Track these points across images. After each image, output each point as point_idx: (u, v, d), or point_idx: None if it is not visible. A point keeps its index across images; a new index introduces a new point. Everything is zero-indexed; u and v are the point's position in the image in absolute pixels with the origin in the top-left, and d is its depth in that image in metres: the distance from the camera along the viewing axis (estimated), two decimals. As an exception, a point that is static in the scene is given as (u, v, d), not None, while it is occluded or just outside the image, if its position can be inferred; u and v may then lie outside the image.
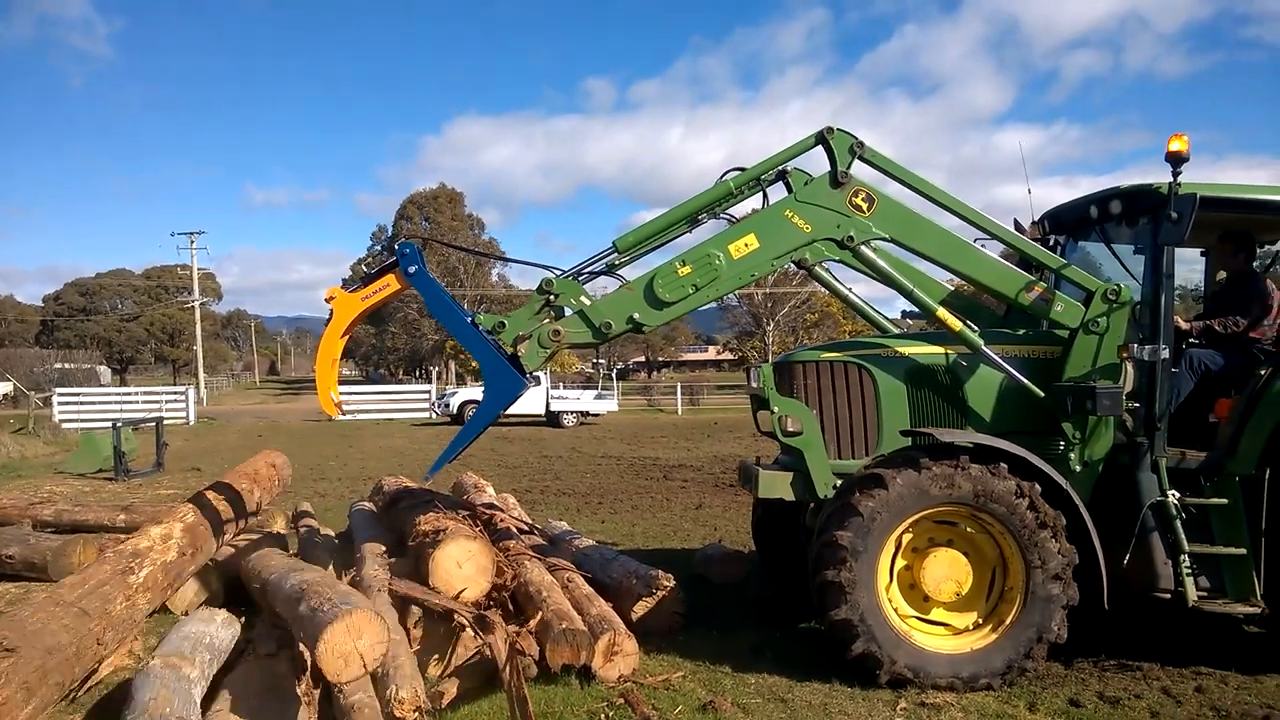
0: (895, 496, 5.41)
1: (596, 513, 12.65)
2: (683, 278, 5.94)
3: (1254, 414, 5.79)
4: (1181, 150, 5.54)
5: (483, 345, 5.92)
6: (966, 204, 6.12)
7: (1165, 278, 5.80)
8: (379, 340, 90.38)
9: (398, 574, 6.00)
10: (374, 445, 24.64)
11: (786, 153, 6.10)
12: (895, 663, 5.36)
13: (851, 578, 5.35)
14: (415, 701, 4.35)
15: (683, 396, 45.24)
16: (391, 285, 6.06)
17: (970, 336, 6.07)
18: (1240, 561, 5.65)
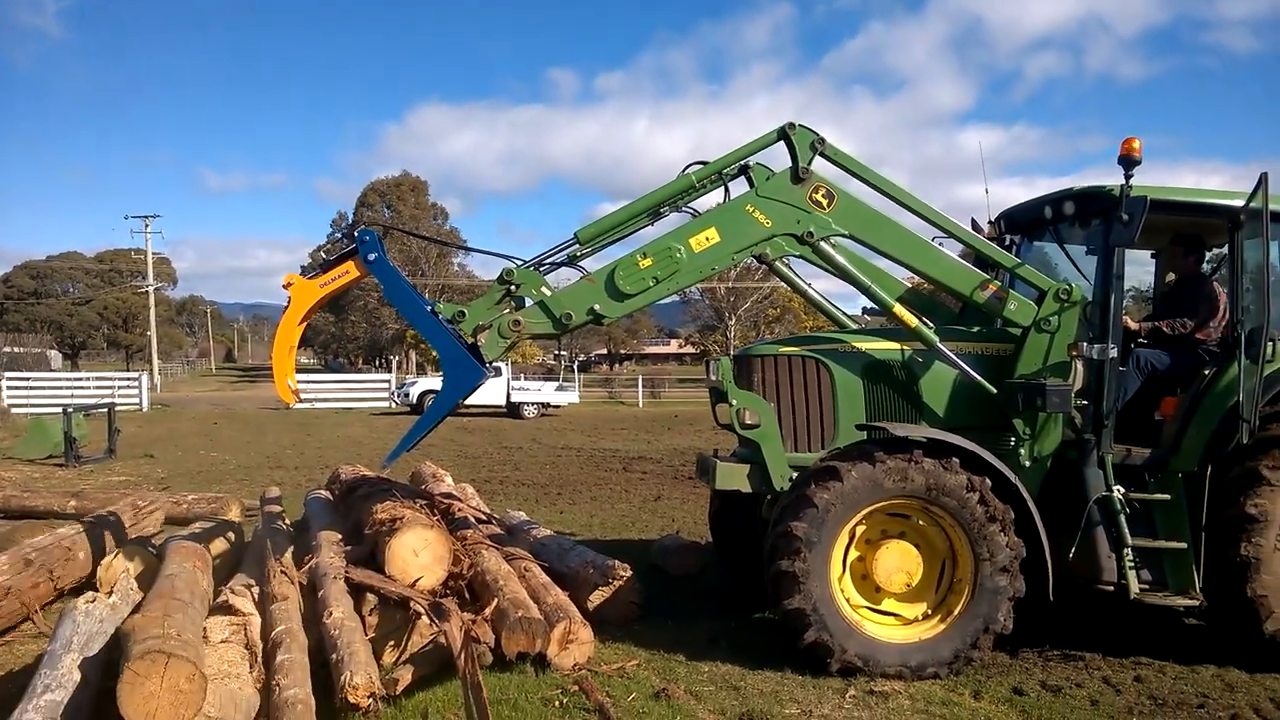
0: (850, 489, 5.50)
1: (555, 503, 12.67)
2: (644, 270, 5.96)
3: (1197, 412, 5.97)
4: (1134, 153, 5.68)
5: (442, 334, 5.88)
6: (925, 202, 6.21)
7: (1115, 278, 5.94)
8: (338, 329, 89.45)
9: (354, 562, 5.99)
10: (332, 434, 24.42)
11: (748, 147, 6.14)
12: (846, 651, 5.46)
13: (805, 568, 5.44)
14: (369, 688, 4.36)
15: (644, 389, 45.33)
16: (351, 272, 6.00)
17: (925, 333, 6.16)
18: (1181, 556, 5.83)
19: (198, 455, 18.87)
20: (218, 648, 4.56)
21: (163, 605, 4.64)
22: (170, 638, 4.02)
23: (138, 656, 3.78)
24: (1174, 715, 5.08)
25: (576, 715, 4.84)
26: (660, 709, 4.96)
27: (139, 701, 3.67)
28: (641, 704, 5.05)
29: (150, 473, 15.76)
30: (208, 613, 5.11)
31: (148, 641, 3.93)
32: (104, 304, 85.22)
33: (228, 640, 4.69)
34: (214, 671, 4.22)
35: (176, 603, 4.76)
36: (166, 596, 4.86)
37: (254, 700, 4.30)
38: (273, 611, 5.16)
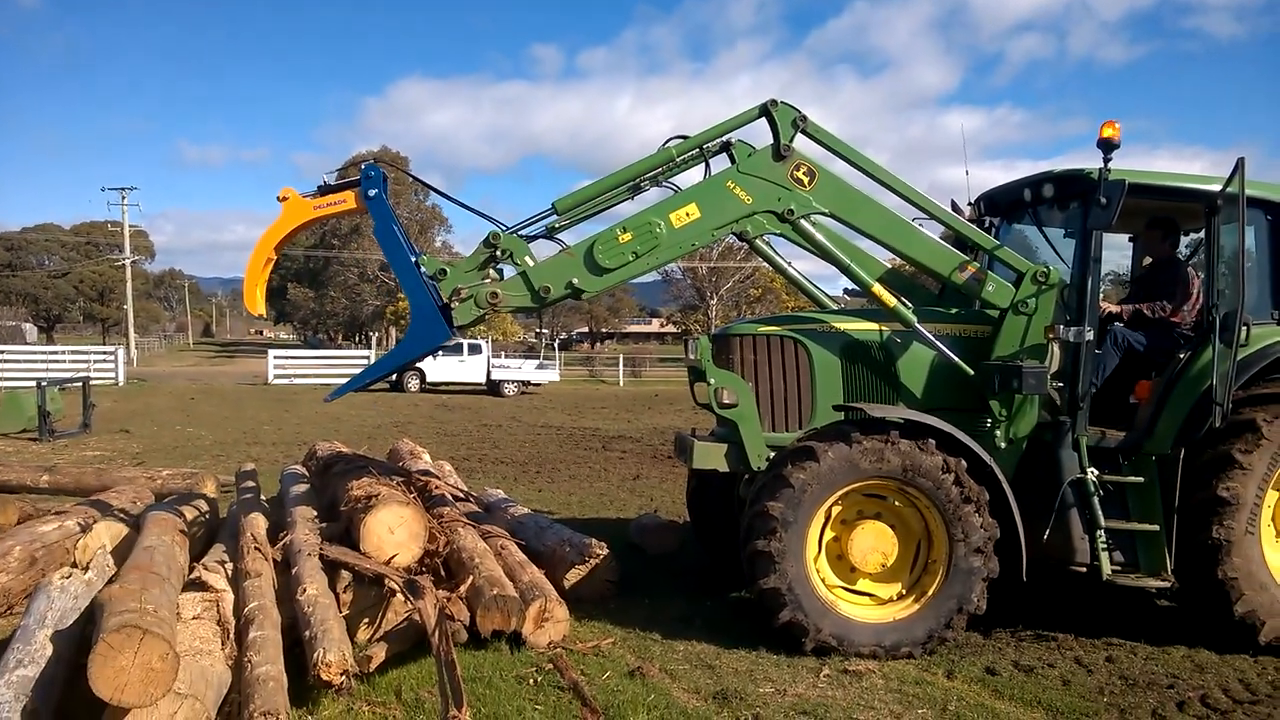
0: (826, 469, 5.50)
1: (534, 482, 12.66)
2: (623, 244, 5.91)
3: (1171, 396, 6.00)
4: (1113, 137, 5.69)
5: (419, 287, 5.81)
6: (906, 183, 6.18)
7: (1093, 261, 5.95)
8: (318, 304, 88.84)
9: (329, 539, 5.95)
10: (310, 410, 24.28)
11: (730, 123, 6.09)
12: (820, 631, 5.48)
13: (781, 548, 5.44)
14: (342, 665, 4.34)
15: (625, 368, 45.35)
16: (348, 203, 5.94)
17: (904, 313, 6.14)
18: (1153, 537, 5.88)
19: (174, 430, 18.73)
20: (190, 624, 4.52)
21: (140, 578, 4.59)
22: (146, 613, 3.97)
23: (112, 629, 3.73)
24: (1144, 695, 5.13)
25: (551, 693, 4.84)
26: (635, 687, 4.96)
27: (109, 675, 3.63)
28: (616, 682, 5.05)
29: (125, 448, 15.62)
30: (181, 589, 5.06)
31: (124, 615, 3.88)
32: (80, 277, 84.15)
33: (200, 616, 4.65)
34: (185, 648, 4.18)
35: (154, 576, 4.71)
36: (144, 569, 4.81)
37: (225, 677, 4.26)
38: (246, 588, 5.12)
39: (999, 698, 5.06)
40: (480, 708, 4.58)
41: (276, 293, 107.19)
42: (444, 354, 35.17)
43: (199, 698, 3.89)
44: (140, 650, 3.68)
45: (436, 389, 34.29)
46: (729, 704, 4.80)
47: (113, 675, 3.64)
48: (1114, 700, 5.04)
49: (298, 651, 4.64)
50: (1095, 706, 4.94)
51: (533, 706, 4.67)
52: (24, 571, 6.03)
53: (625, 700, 4.75)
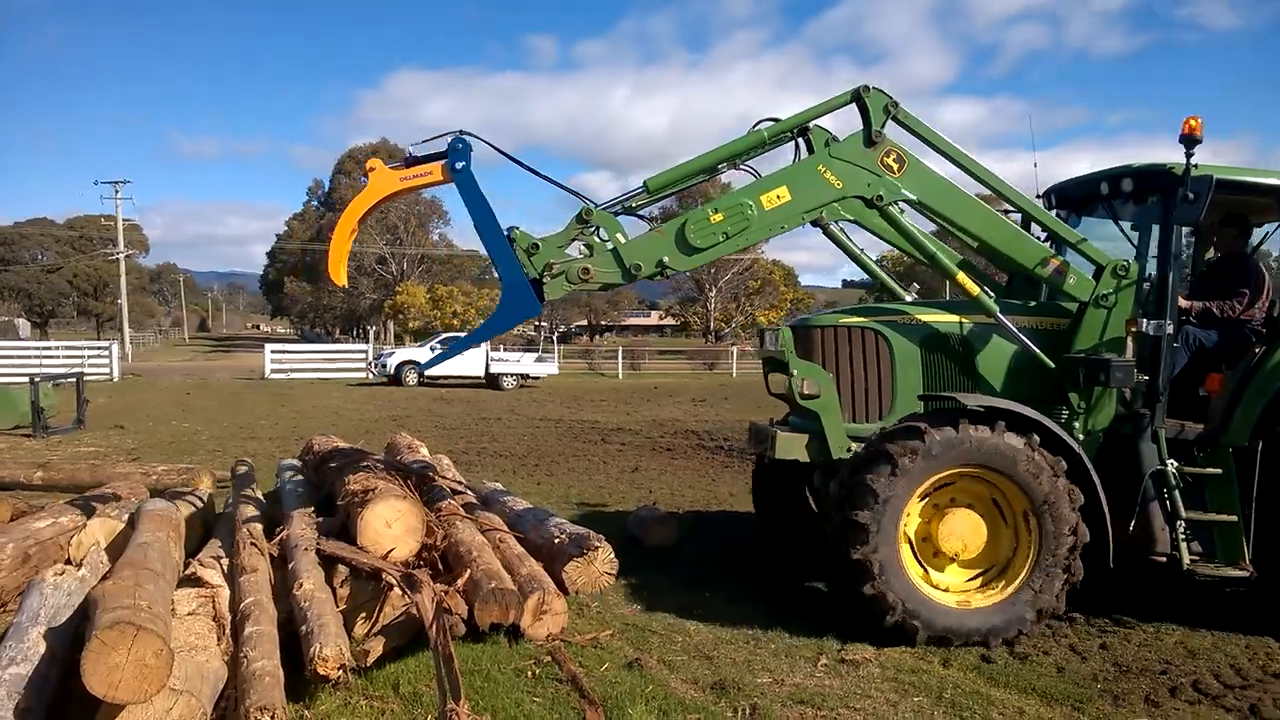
0: (931, 451, 5.50)
1: (533, 475, 12.66)
2: (714, 225, 5.92)
3: (1248, 389, 6.04)
4: (1195, 132, 5.73)
5: (510, 259, 5.77)
6: (992, 172, 6.20)
7: (1174, 256, 6.02)
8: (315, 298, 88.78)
9: (326, 533, 5.96)
10: (308, 405, 24.26)
11: (821, 107, 6.12)
12: (902, 608, 5.47)
13: (877, 521, 5.44)
14: (339, 659, 4.35)
15: (624, 361, 45.32)
16: (434, 175, 5.85)
17: (987, 303, 6.21)
18: (1231, 528, 5.90)
19: (169, 426, 18.70)
20: (185, 620, 4.53)
21: (134, 574, 4.58)
22: (141, 609, 3.97)
23: (106, 626, 3.73)
24: (1137, 681, 5.15)
25: (549, 686, 4.85)
26: (633, 679, 4.97)
27: (103, 672, 3.63)
28: (614, 674, 5.07)
29: (120, 444, 15.60)
30: (177, 584, 5.07)
31: (117, 611, 3.88)
32: (74, 271, 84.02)
33: (195, 612, 4.65)
34: (181, 644, 4.19)
35: (148, 572, 4.70)
36: (138, 565, 4.80)
37: (221, 673, 4.27)
38: (242, 583, 5.12)
39: (994, 685, 5.08)
40: (478, 700, 4.59)
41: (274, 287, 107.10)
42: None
43: (194, 694, 3.90)
44: (134, 646, 3.68)
45: (435, 382, 34.28)
46: (727, 694, 4.81)
47: (106, 672, 3.64)
48: (1107, 687, 5.07)
49: (294, 646, 4.64)
50: (1089, 693, 4.97)
51: (531, 699, 4.68)
52: (17, 568, 6.02)
53: (624, 692, 4.76)
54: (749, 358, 53.00)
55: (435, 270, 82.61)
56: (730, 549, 8.20)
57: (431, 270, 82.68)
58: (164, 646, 3.75)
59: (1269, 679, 5.19)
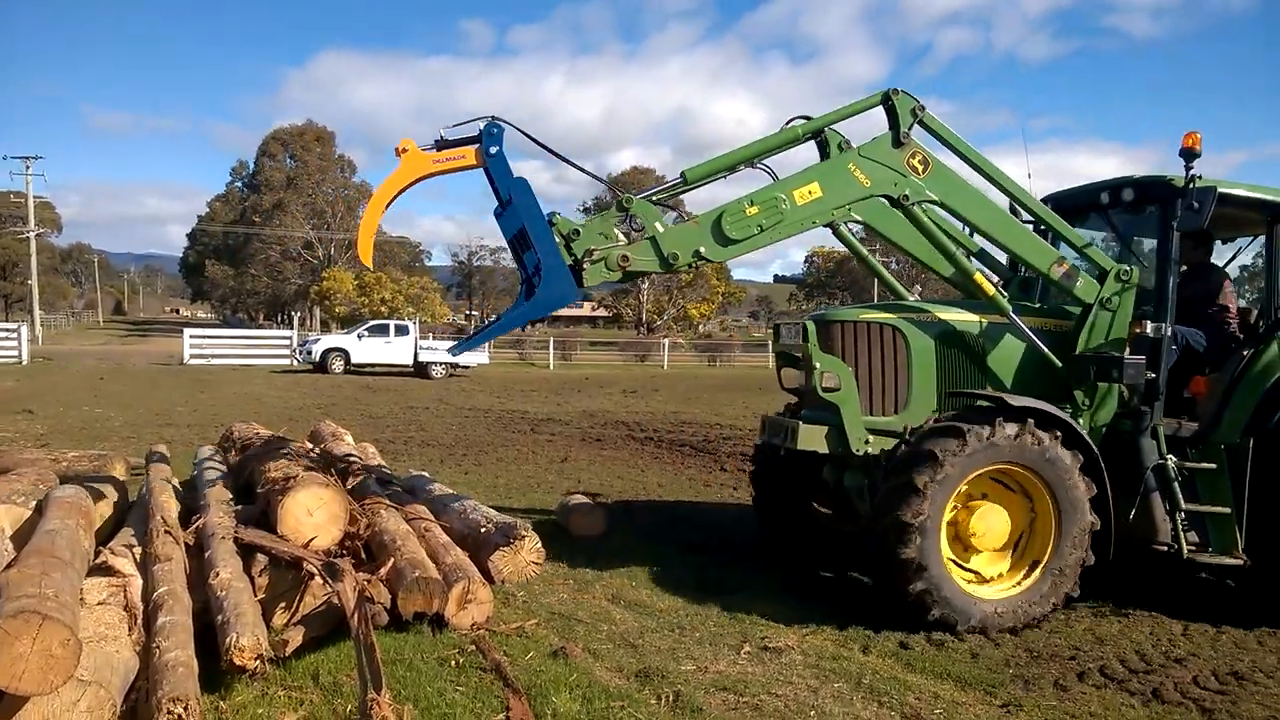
0: (971, 450, 5.71)
1: (460, 464, 12.55)
2: (750, 217, 5.99)
3: (1237, 390, 6.38)
4: (1194, 146, 6.10)
5: (551, 243, 5.70)
6: (1009, 177, 6.50)
7: (1173, 262, 6.33)
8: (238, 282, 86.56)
9: (244, 521, 5.82)
10: (229, 392, 23.67)
11: (852, 108, 6.32)
12: (945, 603, 5.68)
13: (923, 520, 5.60)
14: (256, 650, 4.25)
15: (555, 351, 45.19)
16: (468, 159, 5.79)
17: (1002, 303, 6.43)
18: (1224, 519, 6.22)
19: (81, 412, 18.07)
20: (95, 609, 4.37)
21: (40, 562, 4.41)
22: (47, 598, 3.83)
23: (10, 615, 3.59)
24: (1047, 666, 5.33)
25: (473, 675, 4.82)
26: (557, 667, 4.97)
27: (6, 662, 3.48)
28: (539, 663, 5.06)
29: (28, 429, 15.02)
30: (86, 573, 4.90)
31: (21, 600, 3.74)
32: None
33: (105, 602, 4.50)
34: (90, 634, 4.05)
35: (56, 561, 4.53)
36: (45, 553, 4.62)
37: (132, 663, 4.14)
38: (155, 572, 4.97)
39: (911, 670, 5.21)
40: (400, 690, 4.53)
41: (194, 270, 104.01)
42: (369, 335, 34.65)
43: (103, 685, 3.78)
44: (39, 636, 3.54)
45: (361, 370, 33.74)
46: (651, 682, 4.84)
47: (9, 662, 3.50)
48: (1019, 672, 5.23)
49: (210, 637, 4.52)
50: (1001, 678, 5.12)
51: (454, 688, 4.64)
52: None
53: (548, 680, 4.76)
54: (681, 349, 53.29)
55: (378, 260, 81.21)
56: (658, 539, 8.24)
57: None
58: (71, 636, 3.63)
59: (1171, 664, 5.41)
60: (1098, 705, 4.80)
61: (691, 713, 4.48)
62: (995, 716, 4.64)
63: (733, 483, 11.57)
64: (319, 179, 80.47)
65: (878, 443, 6.35)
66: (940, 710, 4.66)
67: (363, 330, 35.54)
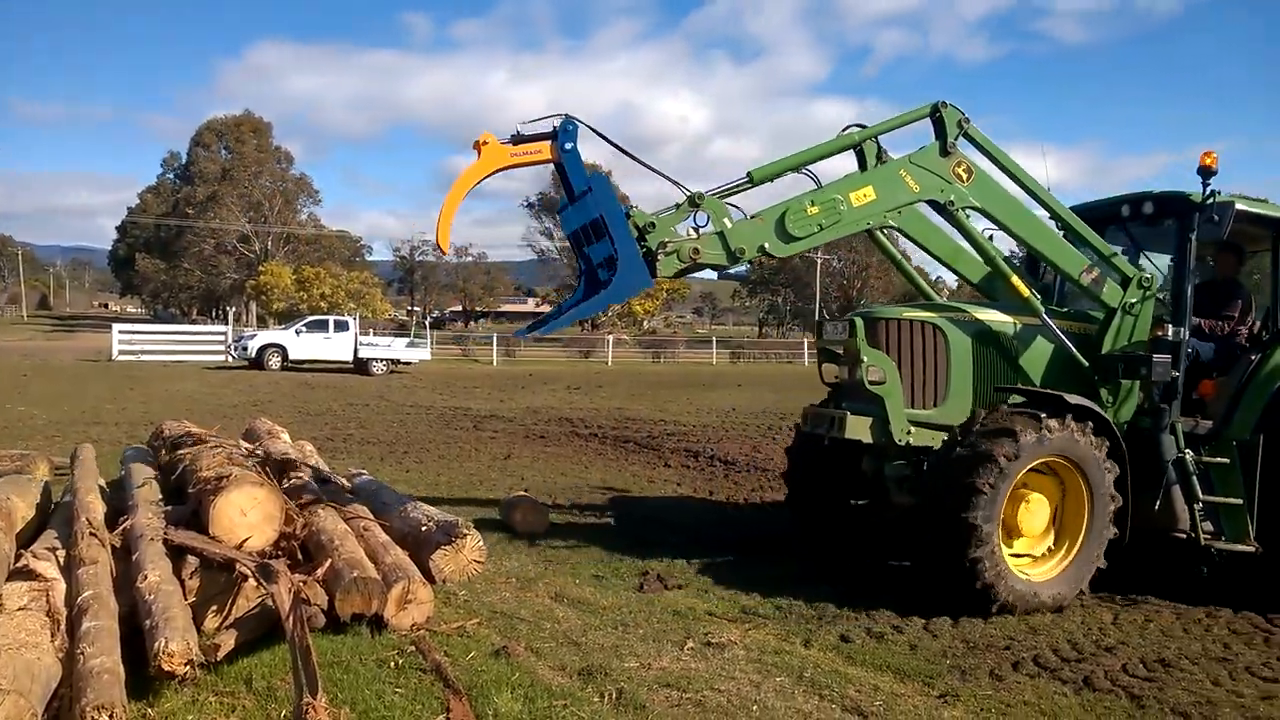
0: (1025, 448, 6.01)
1: (401, 462, 12.38)
2: (811, 217, 6.33)
3: (1247, 391, 6.78)
4: (1211, 165, 6.52)
5: (627, 233, 5.95)
6: (1044, 187, 6.91)
7: (1190, 272, 6.79)
8: (170, 277, 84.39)
9: (174, 522, 5.65)
10: (160, 389, 23.06)
11: (903, 118, 6.70)
12: (1006, 592, 5.98)
13: (988, 518, 5.89)
14: (186, 654, 4.12)
15: (499, 347, 44.88)
16: (543, 153, 6.01)
17: (1035, 305, 6.80)
18: (1237, 510, 6.61)
19: (3, 410, 17.45)
20: (15, 615, 4.20)
21: (-46, 570, 4.25)
22: (-39, 605, 3.68)
23: (-80, 625, 3.44)
24: (983, 656, 5.42)
25: (413, 676, 4.74)
26: (499, 667, 4.92)
27: (-82, 675, 3.34)
28: (481, 662, 5.00)
29: (-52, 428, 14.46)
30: (6, 578, 4.72)
31: (-66, 609, 3.58)
32: (-102, 243, 77.34)
33: (26, 607, 4.33)
34: (9, 640, 3.89)
35: (-30, 567, 4.37)
36: (-41, 560, 4.45)
37: (55, 670, 3.99)
38: (80, 576, 4.79)
39: (852, 663, 5.25)
40: (337, 693, 4.44)
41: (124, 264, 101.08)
42: (308, 331, 34.04)
43: (23, 693, 3.63)
44: (-45, 645, 3.40)
45: (300, 367, 33.13)
46: (594, 679, 4.81)
47: (-78, 673, 3.35)
48: (956, 662, 5.31)
49: (138, 642, 4.38)
50: (939, 668, 5.20)
51: (393, 690, 4.56)
52: None
53: (489, 680, 4.70)
54: (626, 346, 53.32)
55: (302, 251, 79.76)
56: (602, 536, 8.22)
57: (298, 250, 79.78)
58: (-13, 644, 3.48)
59: (1101, 653, 5.54)
60: (1031, 694, 4.89)
61: (635, 710, 4.47)
62: (933, 707, 4.70)
63: (676, 478, 11.60)
64: (255, 171, 78.83)
65: (919, 434, 6.73)
66: (880, 702, 4.71)
67: (301, 326, 34.91)
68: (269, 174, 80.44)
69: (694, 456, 13.30)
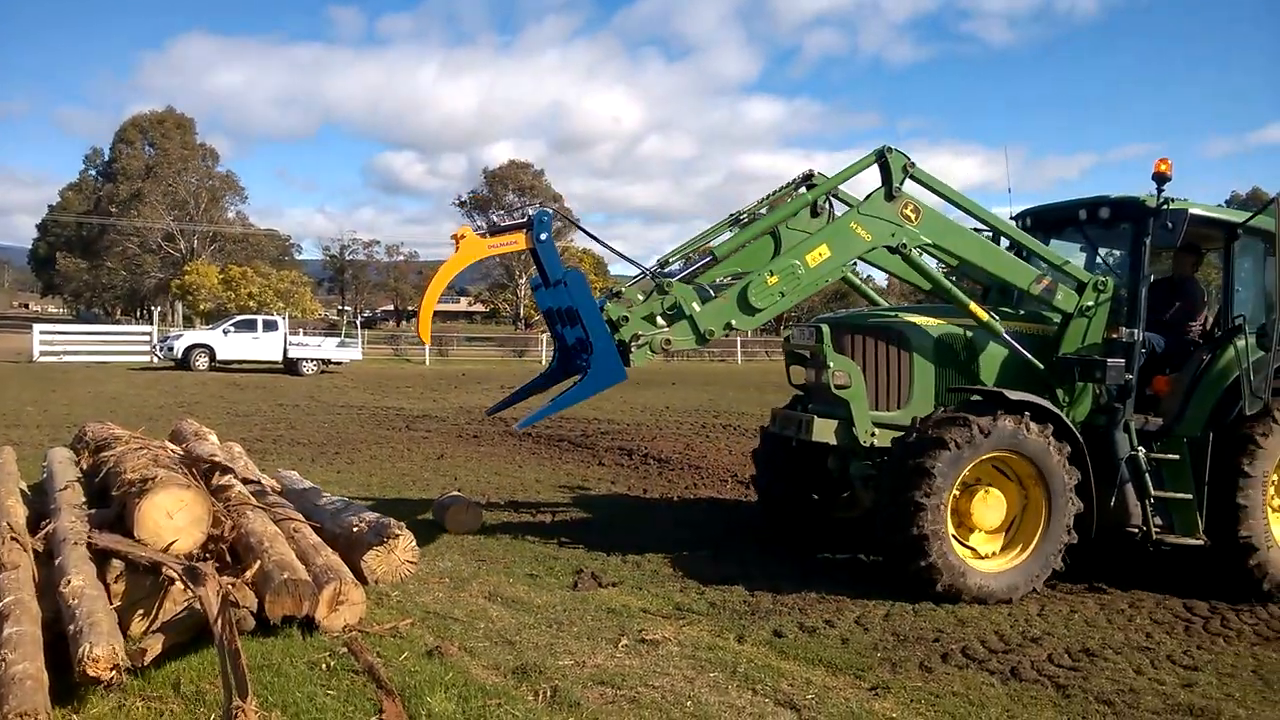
0: (977, 438, 6.23)
1: (332, 463, 12.21)
2: (771, 287, 6.54)
3: (1198, 389, 6.97)
4: (1166, 171, 6.77)
5: (605, 329, 6.21)
6: (990, 212, 7.26)
7: (1144, 274, 6.98)
8: (93, 276, 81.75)
9: (99, 526, 5.51)
10: (83, 391, 22.35)
11: (852, 169, 6.97)
12: (949, 576, 6.17)
13: (934, 501, 6.11)
14: (112, 660, 4.03)
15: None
16: (519, 243, 6.28)
17: (995, 326, 7.03)
18: (1186, 505, 6.80)
19: (-85, 412, 16.75)
20: (-71, 623, 4.08)
21: None
22: None
23: None
24: (913, 649, 5.56)
25: (345, 677, 4.71)
26: (433, 667, 4.91)
27: None
28: (414, 663, 4.98)
29: None
30: (-82, 585, 4.56)
31: None
32: None
33: (-58, 614, 4.20)
34: (-77, 649, 3.78)
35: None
36: None
37: (-26, 679, 3.88)
38: (0, 581, 4.67)
39: (784, 658, 5.35)
40: (268, 696, 4.39)
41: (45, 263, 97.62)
42: (236, 331, 33.30)
43: (-60, 702, 3.53)
44: None
45: (228, 367, 32.39)
46: (528, 678, 4.83)
47: None
48: (886, 655, 5.44)
49: (62, 648, 4.27)
50: (870, 661, 5.32)
51: (325, 692, 4.52)
52: None
53: (423, 680, 4.69)
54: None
55: (229, 250, 77.90)
56: (536, 535, 8.22)
57: (225, 249, 77.91)
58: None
59: (1027, 643, 5.72)
60: (960, 684, 5.03)
61: (569, 707, 4.50)
62: (864, 699, 4.80)
63: (610, 477, 11.64)
64: (180, 168, 76.74)
65: (883, 436, 6.89)
66: (812, 695, 4.80)
67: (229, 325, 34.10)
68: (194, 171, 78.42)
69: (628, 455, 13.35)
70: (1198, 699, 4.94)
